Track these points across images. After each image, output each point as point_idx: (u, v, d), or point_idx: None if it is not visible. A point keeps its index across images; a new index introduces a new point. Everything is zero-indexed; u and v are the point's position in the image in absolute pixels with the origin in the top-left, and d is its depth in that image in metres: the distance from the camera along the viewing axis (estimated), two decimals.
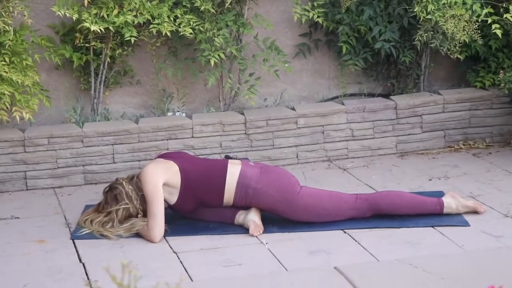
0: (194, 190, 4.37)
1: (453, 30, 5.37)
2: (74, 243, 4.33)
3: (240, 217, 4.42)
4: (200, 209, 4.49)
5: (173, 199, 4.38)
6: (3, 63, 4.94)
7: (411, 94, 5.78)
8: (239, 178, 4.37)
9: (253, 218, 4.36)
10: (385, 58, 5.85)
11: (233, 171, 4.39)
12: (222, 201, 4.39)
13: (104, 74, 5.44)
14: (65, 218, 4.70)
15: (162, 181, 4.31)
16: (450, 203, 4.48)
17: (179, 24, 5.26)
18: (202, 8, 5.26)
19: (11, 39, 4.96)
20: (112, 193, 4.42)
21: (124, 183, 4.42)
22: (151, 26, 5.22)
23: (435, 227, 4.35)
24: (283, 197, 4.36)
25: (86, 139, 5.23)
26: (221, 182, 4.37)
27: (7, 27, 4.94)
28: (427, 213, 4.46)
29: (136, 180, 4.43)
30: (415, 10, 5.42)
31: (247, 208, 4.44)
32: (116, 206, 4.38)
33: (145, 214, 4.39)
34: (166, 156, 4.51)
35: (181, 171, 4.36)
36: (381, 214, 4.45)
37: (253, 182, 4.36)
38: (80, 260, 4.12)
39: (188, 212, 4.47)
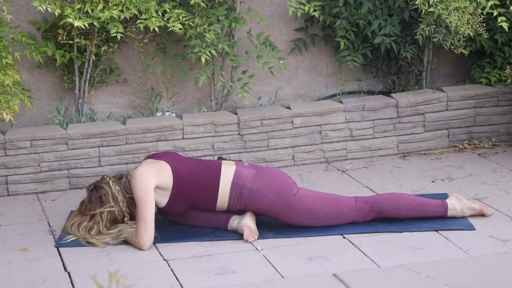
0: (187, 192, 4.39)
1: (456, 24, 5.40)
2: (58, 251, 4.35)
3: (234, 222, 4.44)
4: (191, 214, 4.51)
5: (164, 201, 4.40)
6: None
7: (413, 92, 5.81)
8: (233, 179, 4.39)
9: (247, 223, 4.38)
10: (385, 53, 5.88)
11: (228, 171, 4.41)
12: (216, 203, 4.41)
13: (89, 73, 5.45)
14: (49, 225, 4.71)
15: (154, 184, 4.33)
16: (454, 204, 4.50)
17: (168, 19, 5.27)
18: (192, 2, 5.28)
19: None
20: (97, 193, 4.42)
21: (111, 182, 4.43)
22: (138, 21, 5.24)
23: (438, 231, 4.37)
24: (279, 198, 4.38)
25: (71, 141, 5.24)
26: (215, 183, 4.39)
27: None
28: (430, 215, 4.48)
29: (124, 181, 4.43)
30: (416, 2, 5.45)
31: (241, 212, 4.46)
32: (100, 209, 4.39)
33: (131, 217, 4.40)
34: (156, 156, 4.52)
35: (174, 172, 4.38)
36: (382, 217, 4.48)
37: (248, 182, 4.39)
38: (65, 269, 4.13)
39: (177, 215, 4.49)
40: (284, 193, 4.39)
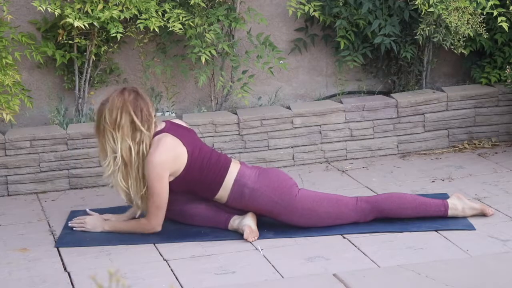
0: (192, 179, 4.41)
1: (456, 24, 5.40)
2: (58, 251, 4.34)
3: (235, 222, 4.45)
4: (191, 214, 4.52)
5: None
6: None
7: (413, 92, 5.81)
8: (237, 176, 4.43)
9: (248, 223, 4.39)
10: (385, 53, 5.88)
11: (233, 170, 4.45)
12: (215, 195, 4.44)
13: (89, 73, 5.45)
14: (49, 225, 4.71)
15: (169, 172, 4.34)
16: (455, 204, 4.50)
17: (168, 19, 5.28)
18: (192, 2, 5.28)
19: None
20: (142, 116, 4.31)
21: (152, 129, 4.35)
22: (138, 21, 5.24)
23: (438, 231, 4.37)
24: (281, 198, 4.39)
25: (71, 141, 5.24)
26: (220, 179, 4.42)
27: None
28: (431, 215, 4.48)
29: (147, 149, 4.34)
30: (416, 2, 5.45)
31: (242, 213, 4.47)
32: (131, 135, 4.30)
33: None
34: (179, 133, 4.42)
35: (188, 161, 4.38)
36: (383, 216, 4.48)
37: (250, 181, 4.41)
38: (65, 269, 4.13)
39: (175, 193, 4.48)
40: (285, 193, 4.40)
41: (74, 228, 4.53)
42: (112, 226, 4.50)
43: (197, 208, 4.53)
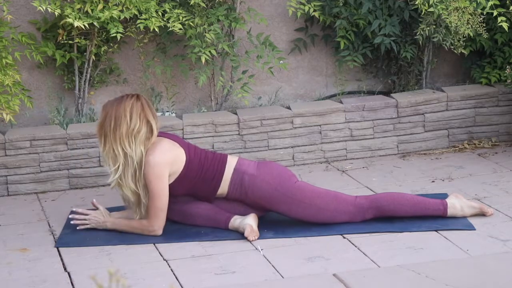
0: (192, 179, 4.43)
1: (456, 24, 5.40)
2: (58, 251, 4.35)
3: (236, 221, 4.46)
4: (191, 214, 4.53)
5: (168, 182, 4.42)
6: None
7: (413, 92, 5.81)
8: (236, 165, 4.48)
9: (250, 222, 4.40)
10: (385, 53, 5.88)
11: (231, 161, 4.50)
12: (217, 191, 4.47)
13: (89, 73, 5.45)
14: (49, 225, 4.71)
15: (168, 173, 4.37)
16: (454, 203, 4.51)
17: (168, 19, 5.28)
18: (192, 2, 5.28)
19: None
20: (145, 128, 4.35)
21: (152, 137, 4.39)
22: (138, 21, 5.24)
23: (438, 231, 4.37)
24: (280, 185, 4.42)
25: (71, 141, 5.25)
26: (220, 174, 4.45)
27: None
28: (430, 213, 4.48)
29: (145, 156, 4.36)
30: (416, 2, 5.45)
31: (241, 207, 4.50)
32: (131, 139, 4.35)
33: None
34: (171, 136, 4.50)
35: (187, 161, 4.42)
36: (381, 214, 4.48)
37: (250, 169, 4.48)
38: (65, 269, 4.13)
39: (175, 196, 4.49)
40: (285, 180, 4.45)
41: (77, 227, 4.52)
42: (114, 224, 4.51)
43: (197, 208, 4.54)
